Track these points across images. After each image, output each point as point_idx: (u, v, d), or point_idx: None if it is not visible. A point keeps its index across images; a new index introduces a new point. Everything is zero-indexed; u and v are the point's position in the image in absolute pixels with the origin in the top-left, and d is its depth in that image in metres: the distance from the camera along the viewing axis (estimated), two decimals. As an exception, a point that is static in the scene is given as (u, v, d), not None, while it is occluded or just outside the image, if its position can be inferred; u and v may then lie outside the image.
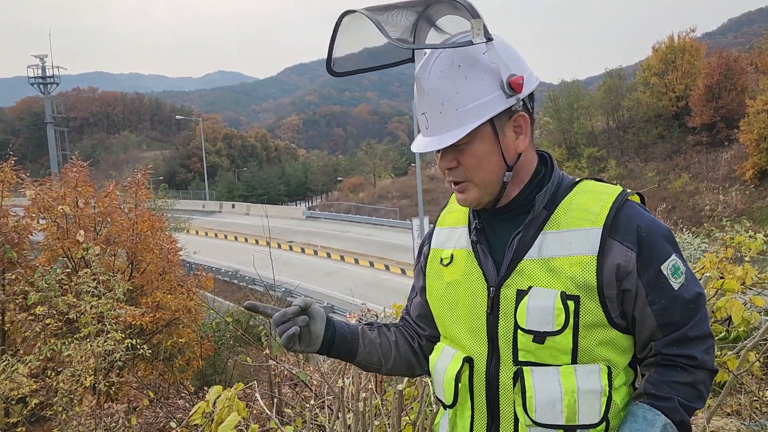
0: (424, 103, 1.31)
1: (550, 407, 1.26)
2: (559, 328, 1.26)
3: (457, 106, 1.26)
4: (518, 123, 1.33)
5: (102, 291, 4.94)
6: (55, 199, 9.83)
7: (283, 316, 1.41)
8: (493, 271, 1.36)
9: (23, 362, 4.62)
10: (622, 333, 1.32)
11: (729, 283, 2.50)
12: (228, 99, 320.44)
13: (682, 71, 41.00)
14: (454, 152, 1.31)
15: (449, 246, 1.50)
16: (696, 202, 34.16)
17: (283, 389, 5.73)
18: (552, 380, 1.27)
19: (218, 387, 2.44)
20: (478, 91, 1.26)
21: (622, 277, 1.27)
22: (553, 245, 1.30)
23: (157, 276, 11.05)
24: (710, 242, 8.37)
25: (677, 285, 1.29)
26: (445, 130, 1.28)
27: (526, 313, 1.28)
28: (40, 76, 58.76)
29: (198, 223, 43.39)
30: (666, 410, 1.27)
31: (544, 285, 1.28)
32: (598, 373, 1.28)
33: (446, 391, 1.41)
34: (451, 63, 1.27)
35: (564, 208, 1.33)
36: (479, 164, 1.31)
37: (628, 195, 1.34)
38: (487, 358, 1.36)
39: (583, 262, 1.27)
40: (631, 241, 1.27)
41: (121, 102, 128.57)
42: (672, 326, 1.29)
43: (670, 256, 1.29)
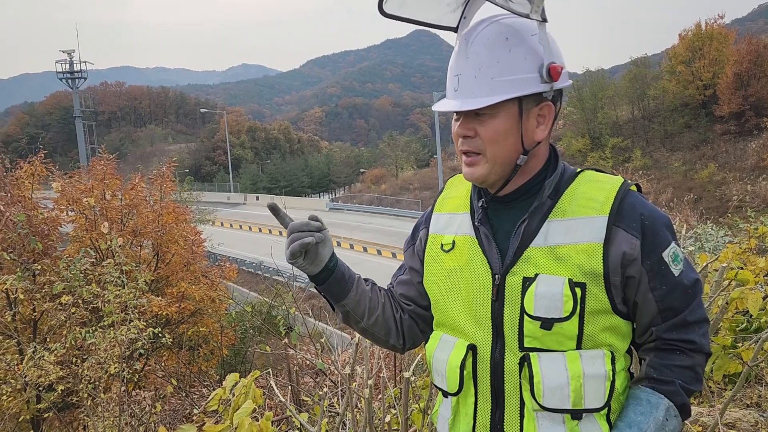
0: (461, 65, 1.32)
1: (557, 392, 1.28)
2: (567, 315, 1.28)
3: (493, 75, 1.28)
4: (543, 112, 1.35)
5: (125, 281, 5.06)
6: (83, 191, 10.04)
7: (302, 225, 1.42)
8: (498, 258, 1.37)
9: (49, 350, 4.77)
10: (624, 319, 1.35)
11: (743, 273, 2.49)
12: (251, 92, 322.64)
13: (709, 59, 40.09)
14: (475, 122, 1.32)
15: (450, 232, 1.50)
16: (723, 193, 33.43)
17: (303, 379, 5.82)
18: (559, 365, 1.29)
19: (235, 374, 2.51)
20: (517, 67, 1.29)
21: (627, 264, 1.29)
22: (559, 233, 1.32)
23: (182, 267, 11.22)
24: (734, 234, 8.23)
25: (677, 272, 1.32)
26: (474, 95, 1.29)
27: (534, 300, 1.30)
28: (68, 71, 59.85)
29: (223, 215, 43.89)
30: (668, 393, 1.31)
31: (551, 272, 1.30)
32: (602, 358, 1.31)
33: (450, 380, 1.42)
34: (500, 34, 1.30)
35: (568, 196, 1.35)
36: (496, 139, 1.31)
37: (630, 185, 1.37)
38: (491, 345, 1.37)
39: (590, 250, 1.29)
40: (636, 229, 1.30)
41: (147, 96, 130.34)
42: (672, 311, 1.32)
43: (670, 243, 1.32)
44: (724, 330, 3.57)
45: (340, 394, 2.57)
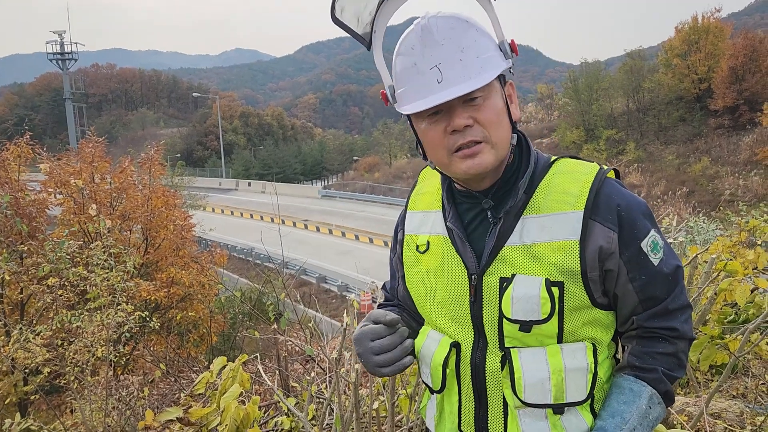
0: (437, 55, 1.23)
1: (538, 387, 1.26)
2: (545, 317, 1.25)
3: (477, 53, 1.23)
4: (509, 91, 1.32)
5: (113, 264, 5.02)
6: (72, 174, 9.95)
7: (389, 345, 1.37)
8: (473, 258, 1.33)
9: (34, 332, 4.73)
10: (605, 310, 1.33)
11: (732, 264, 2.48)
12: (245, 77, 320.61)
13: (705, 52, 40.10)
14: (470, 109, 1.24)
15: (424, 232, 1.46)
16: (716, 187, 33.63)
17: (293, 365, 5.81)
18: (539, 360, 1.27)
19: (222, 358, 2.49)
20: (489, 44, 1.26)
21: (605, 258, 1.26)
22: (534, 230, 1.28)
23: (172, 252, 11.17)
24: (725, 227, 8.27)
25: (657, 260, 1.29)
26: (468, 77, 1.21)
27: (511, 303, 1.26)
28: (58, 52, 59.22)
29: (214, 201, 43.71)
30: (651, 381, 1.29)
31: (527, 272, 1.26)
32: (583, 351, 1.29)
33: (434, 377, 1.40)
34: (456, 19, 1.25)
35: (543, 191, 1.30)
36: (498, 120, 1.26)
37: (606, 173, 1.32)
38: (473, 345, 1.34)
39: (566, 248, 1.25)
40: (612, 222, 1.26)
41: (138, 79, 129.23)
42: (653, 300, 1.30)
43: (648, 232, 1.29)
44: (712, 322, 3.57)
45: (328, 380, 2.55)
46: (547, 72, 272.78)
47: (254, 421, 2.08)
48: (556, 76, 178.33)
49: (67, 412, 6.07)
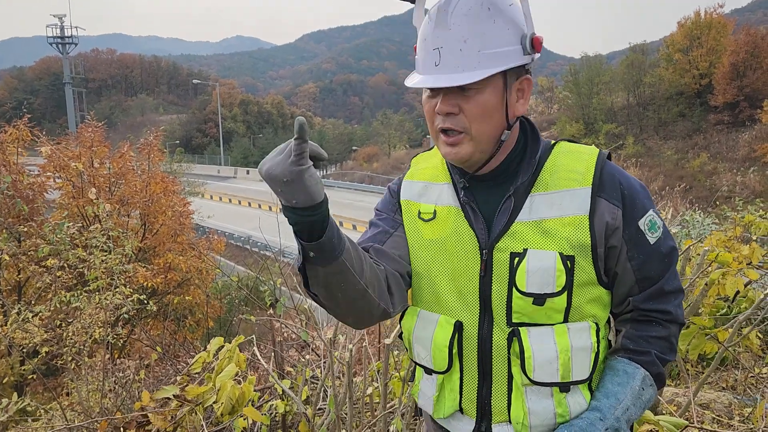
0: (442, 38, 1.24)
1: (547, 366, 1.29)
2: (559, 289, 1.27)
3: (480, 48, 1.22)
4: (522, 86, 1.33)
5: (111, 246, 5.04)
6: (71, 158, 9.95)
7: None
8: (485, 232, 1.34)
9: (32, 312, 4.76)
10: (606, 289, 1.36)
11: (724, 255, 2.51)
12: (245, 64, 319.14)
13: (707, 48, 39.98)
14: (459, 98, 1.26)
15: (428, 201, 1.45)
16: (713, 183, 33.65)
17: (289, 352, 5.85)
18: (548, 340, 1.29)
19: (219, 338, 2.52)
20: (502, 39, 1.25)
21: (610, 234, 1.30)
22: (543, 206, 1.31)
23: (169, 237, 11.19)
24: (720, 222, 8.31)
25: (653, 239, 1.32)
26: (461, 69, 1.23)
27: (526, 276, 1.28)
28: (58, 36, 58.85)
29: (213, 188, 43.65)
30: (644, 363, 1.33)
31: (540, 247, 1.28)
32: (588, 331, 1.32)
33: (438, 359, 1.39)
34: (481, 4, 1.24)
35: (548, 169, 1.34)
36: (483, 115, 1.26)
37: (606, 154, 1.37)
38: (479, 321, 1.35)
39: (576, 222, 1.28)
40: (617, 198, 1.30)
41: (139, 65, 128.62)
42: (649, 280, 1.34)
43: (647, 211, 1.33)
44: (705, 315, 3.62)
45: (323, 364, 2.59)
46: (548, 65, 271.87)
47: (249, 400, 2.11)
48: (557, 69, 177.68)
49: (63, 394, 6.12)
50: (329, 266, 1.19)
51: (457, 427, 1.43)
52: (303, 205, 1.12)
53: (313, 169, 1.11)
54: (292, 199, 1.11)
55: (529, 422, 1.32)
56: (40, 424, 3.99)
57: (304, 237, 1.16)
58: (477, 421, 1.39)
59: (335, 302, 1.28)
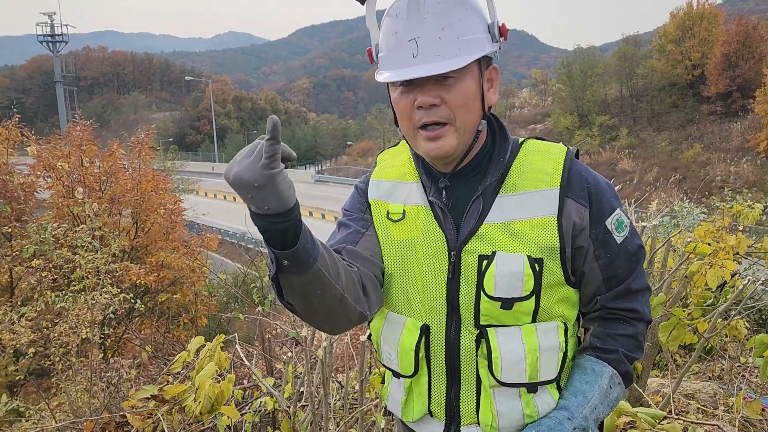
0: (418, 28, 1.21)
1: (515, 367, 1.28)
2: (527, 293, 1.26)
3: (458, 34, 1.21)
4: (491, 75, 1.32)
5: (97, 246, 5.03)
6: (60, 157, 9.90)
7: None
8: (453, 234, 1.32)
9: (18, 313, 4.74)
10: (574, 288, 1.35)
11: (701, 247, 2.53)
12: (238, 61, 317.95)
13: (699, 39, 40.03)
14: (440, 88, 1.23)
15: (396, 201, 1.41)
16: (707, 173, 33.75)
17: (282, 348, 5.85)
18: (515, 340, 1.28)
19: (200, 338, 2.51)
20: (475, 26, 1.24)
21: (577, 234, 1.29)
22: (512, 208, 1.29)
23: (161, 236, 11.17)
24: (710, 212, 8.34)
25: (620, 239, 1.32)
26: (442, 57, 1.20)
27: (494, 280, 1.26)
28: (48, 34, 58.51)
29: (207, 185, 43.54)
30: (612, 362, 1.33)
31: (508, 249, 1.27)
32: (556, 330, 1.31)
33: (404, 363, 1.37)
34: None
35: (517, 170, 1.32)
36: (466, 104, 1.24)
37: (574, 153, 1.35)
38: (446, 324, 1.33)
39: (544, 224, 1.27)
40: (584, 198, 1.29)
41: (131, 62, 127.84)
42: (616, 279, 1.33)
43: (614, 210, 1.32)
44: (692, 306, 3.64)
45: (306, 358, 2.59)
46: (542, 57, 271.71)
47: (231, 399, 2.11)
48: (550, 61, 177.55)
49: (55, 394, 6.12)
50: (304, 275, 1.13)
51: (426, 430, 1.42)
52: (275, 211, 1.05)
53: (285, 171, 1.04)
54: (264, 206, 1.04)
55: (498, 424, 1.31)
56: (30, 425, 3.99)
57: (276, 245, 1.10)
58: (446, 425, 1.38)
59: (312, 311, 1.23)
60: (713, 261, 2.48)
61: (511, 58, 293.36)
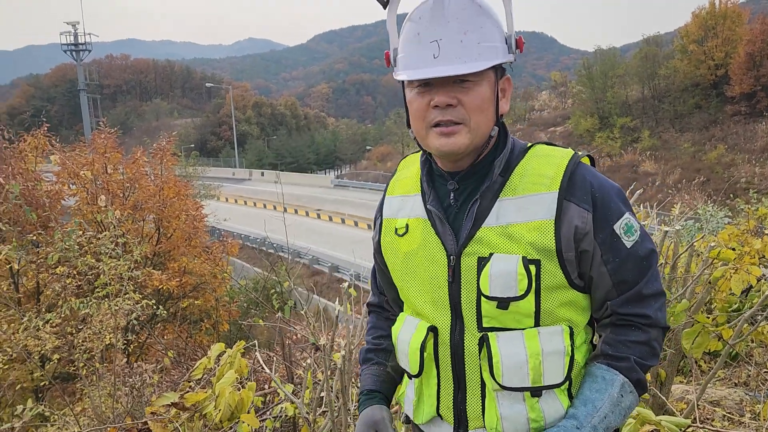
0: (440, 31, 1.27)
1: (516, 370, 1.28)
2: (522, 293, 1.28)
3: (479, 40, 1.26)
4: (504, 85, 1.36)
5: (119, 253, 5.10)
6: (84, 165, 10.06)
7: None
8: (452, 239, 1.35)
9: (44, 320, 4.83)
10: (582, 293, 1.35)
11: (725, 252, 2.48)
12: (258, 67, 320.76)
13: (722, 38, 39.41)
14: (457, 90, 1.28)
15: (403, 215, 1.47)
16: (731, 174, 33.16)
17: (303, 353, 5.87)
18: (517, 344, 1.29)
19: (221, 344, 2.54)
20: (495, 35, 1.29)
21: (580, 238, 1.29)
22: (510, 211, 1.31)
23: (183, 241, 11.28)
24: (734, 215, 8.20)
25: (630, 243, 1.31)
26: (462, 60, 1.25)
27: (489, 280, 1.29)
28: (72, 44, 59.62)
29: (228, 191, 43.97)
30: (623, 370, 1.31)
31: (504, 251, 1.29)
32: (560, 334, 1.31)
33: (412, 362, 1.42)
34: (472, 2, 1.28)
35: (519, 173, 1.34)
36: (481, 107, 1.29)
37: (580, 157, 1.36)
38: (451, 327, 1.36)
39: (541, 227, 1.28)
40: (587, 202, 1.29)
41: (152, 69, 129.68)
42: (626, 284, 1.32)
43: (623, 214, 1.31)
44: (717, 311, 3.58)
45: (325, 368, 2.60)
46: (561, 59, 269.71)
47: (251, 406, 2.13)
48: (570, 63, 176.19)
49: (80, 399, 6.21)
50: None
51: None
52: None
53: None
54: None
55: (503, 428, 1.31)
56: (54, 430, 4.06)
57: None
58: (455, 427, 1.39)
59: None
60: (738, 266, 2.44)
61: (531, 60, 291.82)
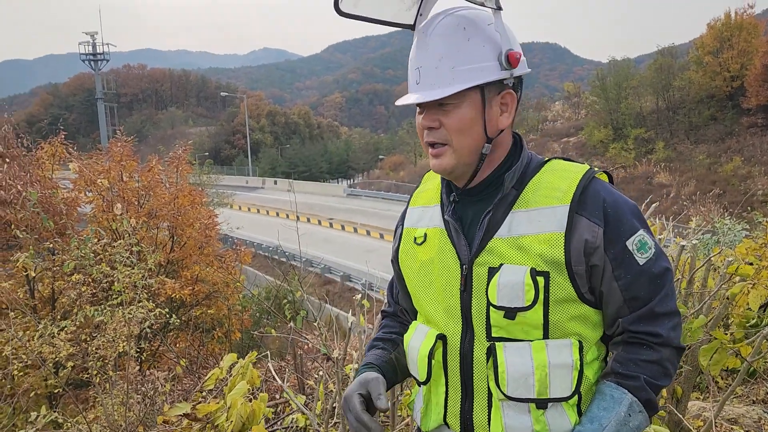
0: (421, 58, 1.33)
1: (522, 381, 1.29)
2: (528, 304, 1.28)
3: (453, 64, 1.29)
4: (505, 100, 1.36)
5: (134, 261, 5.15)
6: (101, 172, 10.16)
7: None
8: (466, 249, 1.38)
9: (59, 327, 4.87)
10: (593, 308, 1.34)
11: (744, 268, 2.45)
12: (272, 76, 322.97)
13: (738, 50, 39.13)
14: (439, 112, 1.32)
15: (422, 225, 1.51)
16: (748, 187, 32.79)
17: (314, 363, 5.86)
18: (524, 355, 1.30)
19: (233, 355, 2.54)
20: (476, 56, 1.30)
21: (590, 252, 1.29)
22: (522, 223, 1.32)
23: (197, 250, 11.33)
24: (752, 228, 8.10)
25: (643, 260, 1.30)
26: (436, 86, 1.30)
27: (497, 290, 1.30)
28: (90, 53, 60.48)
29: (241, 199, 44.18)
30: (632, 389, 1.30)
31: (514, 262, 1.30)
32: (569, 348, 1.31)
33: (420, 369, 1.44)
34: (457, 24, 1.31)
35: (533, 186, 1.35)
36: (462, 129, 1.32)
37: (596, 173, 1.36)
38: (461, 335, 1.38)
39: (551, 239, 1.29)
40: (598, 217, 1.29)
41: (168, 79, 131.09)
42: (638, 301, 1.31)
43: (636, 231, 1.31)
44: (734, 326, 3.53)
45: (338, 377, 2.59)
46: (574, 70, 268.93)
47: (262, 418, 2.12)
48: (584, 74, 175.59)
49: (93, 406, 6.24)
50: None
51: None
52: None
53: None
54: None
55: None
56: (67, 437, 4.08)
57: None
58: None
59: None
60: (756, 280, 2.40)
61: (544, 71, 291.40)
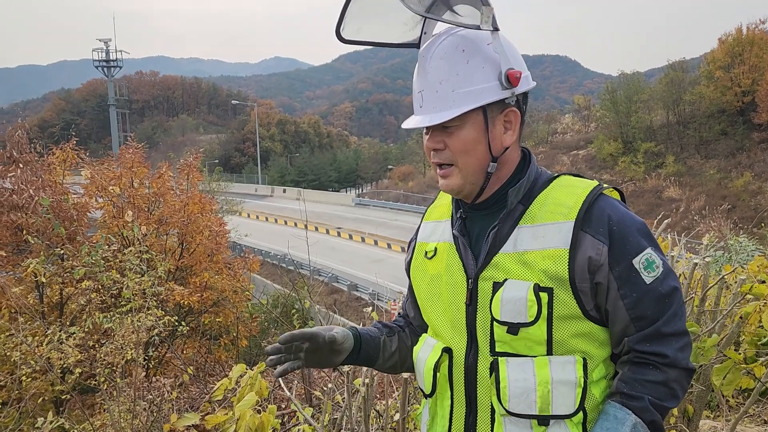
0: (422, 82, 1.35)
1: (523, 397, 1.29)
2: (531, 320, 1.28)
3: (453, 87, 1.30)
4: (509, 118, 1.37)
5: (144, 269, 5.17)
6: (112, 179, 10.24)
7: (276, 349, 1.46)
8: (473, 264, 1.39)
9: (66, 333, 4.89)
10: (600, 325, 1.33)
11: (758, 287, 2.43)
12: (283, 85, 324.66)
13: (749, 65, 38.99)
14: (443, 134, 1.35)
15: (433, 239, 1.53)
16: (758, 202, 32.58)
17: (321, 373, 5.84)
18: (526, 371, 1.30)
19: (242, 365, 2.54)
20: (476, 78, 1.31)
21: (594, 270, 1.28)
22: (527, 239, 1.33)
23: (206, 257, 11.36)
24: (763, 243, 8.03)
25: (650, 279, 1.29)
26: (437, 110, 1.32)
27: (500, 304, 1.31)
28: (103, 60, 61.10)
29: (250, 207, 44.32)
30: (636, 409, 1.28)
31: (518, 277, 1.31)
32: (573, 365, 1.30)
33: (426, 381, 1.45)
34: (456, 47, 1.32)
35: (539, 202, 1.36)
36: (466, 149, 1.34)
37: (603, 189, 1.35)
38: (466, 349, 1.39)
39: (555, 256, 1.29)
40: (603, 234, 1.28)
41: (180, 86, 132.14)
42: (644, 320, 1.29)
43: (644, 249, 1.30)
44: (745, 343, 3.49)
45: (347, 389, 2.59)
46: (584, 83, 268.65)
47: (270, 430, 2.12)
48: (594, 87, 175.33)
49: (99, 412, 6.24)
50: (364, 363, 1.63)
51: None
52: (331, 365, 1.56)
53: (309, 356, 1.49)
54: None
55: None
56: (74, 443, 4.07)
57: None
58: None
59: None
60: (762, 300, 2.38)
61: (554, 84, 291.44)
